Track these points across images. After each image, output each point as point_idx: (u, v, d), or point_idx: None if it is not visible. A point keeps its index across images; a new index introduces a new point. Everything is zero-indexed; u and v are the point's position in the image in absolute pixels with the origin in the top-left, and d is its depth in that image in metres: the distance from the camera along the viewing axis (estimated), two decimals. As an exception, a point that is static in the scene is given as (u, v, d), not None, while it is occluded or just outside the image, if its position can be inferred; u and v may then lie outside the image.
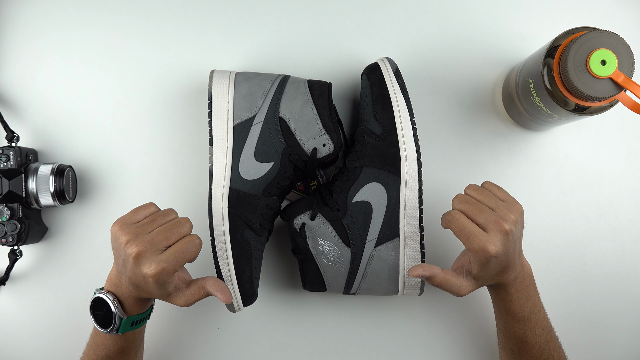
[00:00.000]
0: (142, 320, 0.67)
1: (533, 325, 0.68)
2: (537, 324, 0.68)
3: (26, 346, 0.79)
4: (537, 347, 0.68)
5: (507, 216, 0.62)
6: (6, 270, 0.78)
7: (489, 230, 0.61)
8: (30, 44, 0.81)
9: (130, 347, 0.68)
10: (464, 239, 0.62)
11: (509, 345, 0.70)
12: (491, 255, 0.61)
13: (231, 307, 0.70)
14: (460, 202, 0.64)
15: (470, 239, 0.61)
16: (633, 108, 0.63)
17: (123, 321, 0.64)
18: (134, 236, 0.60)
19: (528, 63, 0.71)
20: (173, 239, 0.61)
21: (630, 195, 0.81)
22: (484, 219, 0.62)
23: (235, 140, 0.72)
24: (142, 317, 0.67)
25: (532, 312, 0.67)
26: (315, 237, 0.72)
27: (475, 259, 0.62)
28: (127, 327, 0.65)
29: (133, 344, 0.68)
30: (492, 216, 0.62)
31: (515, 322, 0.68)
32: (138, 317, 0.66)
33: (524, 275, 0.67)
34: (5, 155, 0.75)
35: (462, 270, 0.66)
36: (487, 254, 0.61)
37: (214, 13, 0.82)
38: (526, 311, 0.67)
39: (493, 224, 0.61)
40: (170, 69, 0.81)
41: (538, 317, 0.68)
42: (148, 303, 0.67)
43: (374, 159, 0.72)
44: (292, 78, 0.75)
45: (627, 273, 0.80)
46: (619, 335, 0.80)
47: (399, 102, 0.72)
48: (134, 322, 0.66)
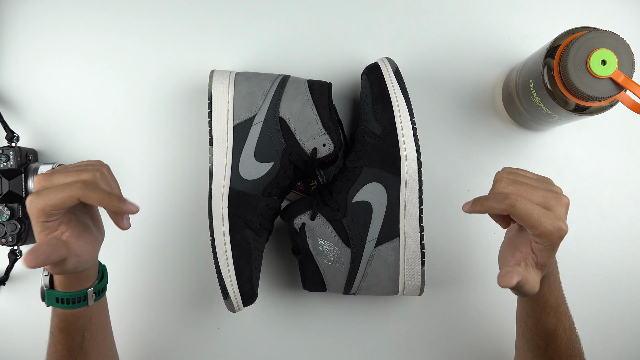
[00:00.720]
0: (72, 301, 0.62)
1: (562, 317, 0.64)
2: (565, 316, 0.64)
3: (26, 346, 0.79)
4: (564, 340, 0.64)
5: (556, 188, 0.58)
6: (6, 270, 0.78)
7: (551, 207, 0.56)
8: (30, 44, 0.81)
9: (70, 327, 0.64)
10: (533, 223, 0.55)
11: (536, 342, 0.65)
12: (565, 233, 0.55)
13: (231, 307, 0.71)
14: (510, 184, 0.57)
15: (541, 221, 0.55)
16: (633, 108, 0.63)
17: (46, 292, 0.62)
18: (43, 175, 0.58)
19: (528, 63, 0.71)
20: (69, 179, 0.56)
21: (630, 195, 0.81)
22: (542, 196, 0.56)
23: (235, 140, 0.72)
24: (69, 296, 0.62)
25: (563, 303, 0.64)
26: (315, 237, 0.72)
27: (547, 243, 0.56)
28: (52, 301, 0.62)
29: (72, 325, 0.64)
30: (546, 192, 0.56)
31: (549, 316, 0.63)
32: (64, 295, 0.62)
33: (557, 266, 0.63)
34: (5, 155, 0.75)
35: (527, 264, 0.58)
36: (562, 232, 0.55)
37: (214, 13, 0.82)
38: (560, 302, 0.63)
39: (553, 199, 0.56)
40: (170, 69, 0.81)
41: (566, 308, 0.64)
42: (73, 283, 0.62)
43: (374, 159, 0.72)
44: (292, 78, 0.75)
45: (627, 273, 0.80)
46: (619, 335, 0.80)
47: (399, 102, 0.72)
48: (59, 299, 0.62)
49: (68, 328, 0.64)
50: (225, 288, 0.69)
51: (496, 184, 0.59)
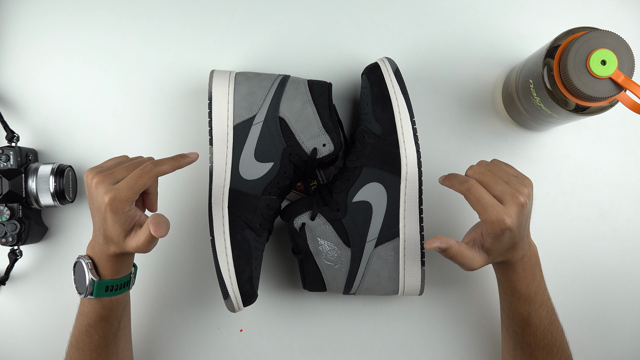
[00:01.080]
0: (118, 287, 0.67)
1: (538, 306, 0.68)
2: (542, 306, 0.68)
3: (26, 346, 0.79)
4: (540, 329, 0.68)
5: (522, 189, 0.62)
6: (6, 270, 0.78)
7: (505, 202, 0.61)
8: (30, 44, 0.81)
9: (111, 315, 0.68)
10: (480, 209, 0.62)
11: (513, 327, 0.70)
12: (507, 227, 0.61)
13: (231, 307, 0.71)
14: (476, 173, 0.64)
15: (487, 210, 0.61)
16: (633, 108, 0.63)
17: (96, 284, 0.65)
18: (98, 172, 0.63)
19: (528, 63, 0.71)
20: (131, 170, 0.63)
21: (630, 195, 0.81)
22: (500, 190, 0.62)
23: (235, 140, 0.72)
24: (116, 283, 0.67)
25: (537, 293, 0.68)
26: (315, 237, 0.72)
27: (490, 231, 0.62)
28: (102, 291, 0.66)
29: (113, 312, 0.68)
30: (507, 188, 0.62)
31: (520, 303, 0.68)
32: (112, 282, 0.66)
33: (531, 254, 0.67)
34: (5, 155, 0.75)
35: (475, 244, 0.66)
36: (504, 226, 0.61)
37: (214, 13, 0.82)
38: (532, 291, 0.67)
39: (509, 195, 0.62)
40: (170, 69, 0.81)
41: (543, 299, 0.68)
42: (122, 266, 0.67)
43: (374, 159, 0.72)
44: (292, 78, 0.75)
45: (627, 273, 0.80)
46: (619, 335, 0.80)
47: (399, 102, 0.72)
48: (109, 287, 0.66)
49: (110, 316, 0.68)
50: (225, 288, 0.69)
51: (468, 169, 0.66)
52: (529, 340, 0.69)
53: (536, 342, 0.69)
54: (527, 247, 0.67)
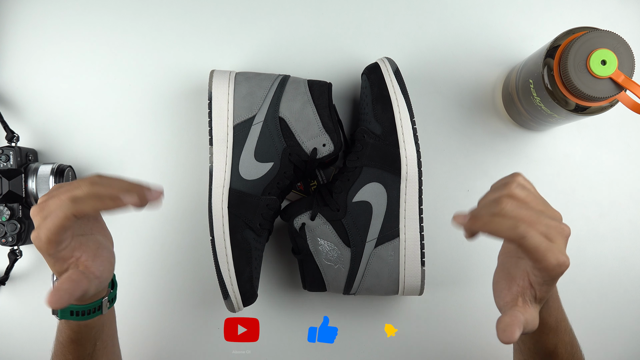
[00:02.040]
0: (86, 312, 0.60)
1: (562, 334, 0.61)
2: (565, 332, 0.61)
3: (26, 346, 0.79)
4: (565, 356, 0.62)
5: (558, 216, 0.54)
6: (6, 270, 0.78)
7: (553, 238, 0.51)
8: (30, 44, 0.81)
9: (82, 339, 0.62)
10: (539, 257, 0.50)
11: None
12: (566, 268, 0.51)
13: (231, 307, 0.71)
14: (518, 207, 0.52)
15: (547, 256, 0.50)
16: (633, 108, 0.63)
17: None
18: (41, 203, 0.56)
19: (528, 63, 0.71)
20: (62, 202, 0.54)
21: (630, 195, 0.81)
22: (546, 226, 0.51)
23: (235, 140, 0.72)
24: (83, 309, 0.60)
25: (562, 320, 0.61)
26: (315, 237, 0.72)
27: (547, 277, 0.52)
28: (66, 314, 0.60)
29: (84, 336, 0.62)
30: (551, 222, 0.52)
31: (549, 336, 0.60)
32: (77, 308, 0.60)
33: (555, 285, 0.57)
34: (5, 155, 0.75)
35: (525, 300, 0.54)
36: (564, 268, 0.51)
37: (214, 13, 0.82)
38: (559, 320, 0.60)
39: (556, 231, 0.52)
40: (170, 69, 0.81)
41: (565, 324, 0.61)
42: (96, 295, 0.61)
43: (374, 159, 0.72)
44: (292, 78, 0.75)
45: (627, 273, 0.80)
46: (619, 335, 0.80)
47: (399, 102, 0.72)
48: (74, 312, 0.60)
49: (81, 339, 0.62)
50: (225, 288, 0.69)
51: (503, 201, 0.52)
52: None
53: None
54: None
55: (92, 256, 0.57)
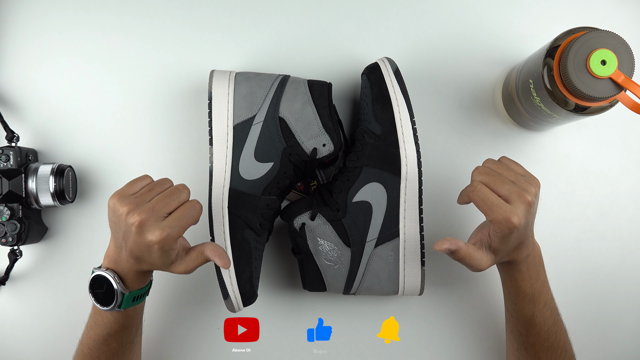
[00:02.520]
0: (143, 295, 0.67)
1: (542, 306, 0.68)
2: (546, 306, 0.68)
3: (26, 346, 0.79)
4: (544, 329, 0.68)
5: (528, 188, 0.62)
6: (6, 270, 0.78)
7: (511, 201, 0.61)
8: (30, 44, 0.81)
9: (132, 323, 0.67)
10: (486, 210, 0.62)
11: (517, 327, 0.70)
12: (514, 226, 0.60)
13: (231, 307, 0.71)
14: (481, 173, 0.64)
15: (493, 210, 0.61)
16: (633, 108, 0.63)
17: (125, 297, 0.64)
18: (134, 206, 0.60)
19: (528, 63, 0.71)
20: (173, 205, 0.61)
21: (630, 195, 0.81)
22: (507, 190, 0.62)
23: (235, 140, 0.72)
24: (143, 291, 0.67)
25: (541, 293, 0.68)
26: (315, 237, 0.72)
27: (497, 231, 0.62)
28: (129, 302, 0.65)
29: (134, 320, 0.68)
30: (514, 187, 0.62)
31: (524, 302, 0.68)
32: (139, 292, 0.66)
33: (535, 254, 0.67)
34: (5, 155, 0.75)
35: (482, 245, 0.65)
36: (511, 225, 0.61)
37: (214, 13, 0.82)
38: (536, 291, 0.67)
39: (516, 194, 0.61)
40: (170, 69, 0.81)
41: (546, 299, 0.68)
42: (148, 277, 0.67)
43: (374, 159, 0.72)
44: (292, 78, 0.75)
45: (627, 273, 0.80)
46: (619, 335, 0.80)
47: (399, 102, 0.72)
48: (135, 297, 0.65)
49: (130, 324, 0.67)
50: (225, 288, 0.69)
51: (472, 172, 0.65)
52: (533, 340, 0.69)
53: (540, 342, 0.68)
54: (532, 246, 0.67)
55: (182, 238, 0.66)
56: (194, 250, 0.65)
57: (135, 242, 0.60)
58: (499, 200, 0.61)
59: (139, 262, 0.63)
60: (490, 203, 0.61)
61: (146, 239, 0.59)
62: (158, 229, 0.59)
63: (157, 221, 0.60)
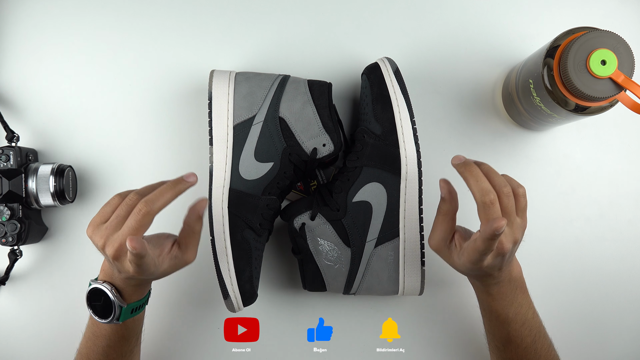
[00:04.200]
0: (141, 306, 0.67)
1: (518, 326, 0.66)
2: (523, 325, 0.66)
3: (26, 346, 0.79)
4: (522, 347, 0.67)
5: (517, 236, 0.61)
6: (6, 270, 0.78)
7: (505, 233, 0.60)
8: (30, 43, 0.81)
9: (131, 334, 0.67)
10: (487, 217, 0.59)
11: (494, 342, 0.69)
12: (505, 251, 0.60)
13: (231, 307, 0.71)
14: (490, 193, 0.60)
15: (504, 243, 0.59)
16: (633, 108, 0.63)
17: (123, 309, 0.63)
18: (106, 238, 0.59)
19: (528, 63, 0.71)
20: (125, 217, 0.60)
21: (630, 195, 0.81)
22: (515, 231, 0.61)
23: (235, 140, 0.72)
24: (141, 303, 0.66)
25: (517, 314, 0.66)
26: (315, 237, 0.72)
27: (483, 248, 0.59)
28: (127, 314, 0.64)
29: (133, 330, 0.68)
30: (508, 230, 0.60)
31: (498, 322, 0.67)
32: (137, 304, 0.65)
33: (511, 278, 0.65)
34: (5, 155, 0.75)
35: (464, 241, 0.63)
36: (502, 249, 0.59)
37: (214, 13, 0.82)
38: (510, 313, 0.66)
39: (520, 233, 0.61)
40: (170, 69, 0.81)
41: (525, 319, 0.66)
42: (146, 288, 0.67)
43: (374, 159, 0.72)
44: (292, 78, 0.75)
45: (627, 273, 0.80)
46: (619, 336, 0.80)
47: (399, 102, 0.72)
48: (134, 309, 0.65)
49: (129, 335, 0.67)
50: (225, 288, 0.69)
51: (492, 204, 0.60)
52: (511, 355, 0.68)
53: (518, 357, 0.67)
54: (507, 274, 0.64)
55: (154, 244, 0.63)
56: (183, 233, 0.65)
57: (118, 268, 0.61)
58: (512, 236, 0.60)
59: (130, 279, 0.63)
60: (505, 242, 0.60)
61: (125, 267, 0.60)
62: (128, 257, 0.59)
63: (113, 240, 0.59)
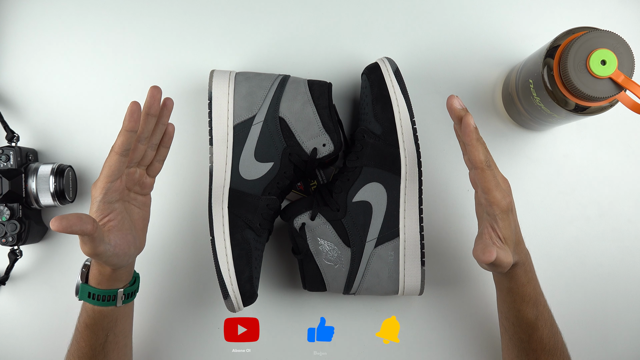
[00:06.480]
0: (100, 298, 0.66)
1: (542, 308, 0.68)
2: (545, 308, 0.68)
3: (26, 346, 0.79)
4: (545, 333, 0.68)
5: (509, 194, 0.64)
6: (6, 270, 0.78)
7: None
8: (30, 44, 0.81)
9: (95, 325, 0.67)
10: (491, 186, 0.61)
11: (519, 334, 0.69)
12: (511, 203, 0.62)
13: (231, 307, 0.71)
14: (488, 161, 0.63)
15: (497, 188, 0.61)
16: (633, 108, 0.63)
17: (80, 286, 0.66)
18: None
19: (528, 63, 0.71)
20: None
21: (630, 195, 0.81)
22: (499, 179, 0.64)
23: (235, 140, 0.72)
24: (99, 293, 0.66)
25: (540, 295, 0.68)
26: (315, 237, 0.72)
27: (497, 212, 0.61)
28: (84, 295, 0.66)
29: (97, 323, 0.67)
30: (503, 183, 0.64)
31: (528, 306, 0.67)
32: (95, 291, 0.66)
33: (529, 258, 0.68)
34: (5, 155, 0.75)
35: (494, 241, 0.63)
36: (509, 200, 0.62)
37: (214, 13, 0.82)
38: (538, 293, 0.68)
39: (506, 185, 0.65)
40: (170, 69, 0.81)
41: (544, 301, 0.69)
42: (104, 281, 0.66)
43: (374, 159, 0.72)
44: (292, 78, 0.75)
45: (627, 273, 0.80)
46: (619, 335, 0.80)
47: (399, 102, 0.72)
48: (91, 295, 0.66)
49: (94, 325, 0.67)
50: (225, 288, 0.69)
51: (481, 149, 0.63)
52: (535, 345, 0.68)
53: (542, 346, 0.68)
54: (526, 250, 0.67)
55: (119, 228, 0.64)
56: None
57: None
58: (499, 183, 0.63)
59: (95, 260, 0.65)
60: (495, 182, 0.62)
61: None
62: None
63: None
